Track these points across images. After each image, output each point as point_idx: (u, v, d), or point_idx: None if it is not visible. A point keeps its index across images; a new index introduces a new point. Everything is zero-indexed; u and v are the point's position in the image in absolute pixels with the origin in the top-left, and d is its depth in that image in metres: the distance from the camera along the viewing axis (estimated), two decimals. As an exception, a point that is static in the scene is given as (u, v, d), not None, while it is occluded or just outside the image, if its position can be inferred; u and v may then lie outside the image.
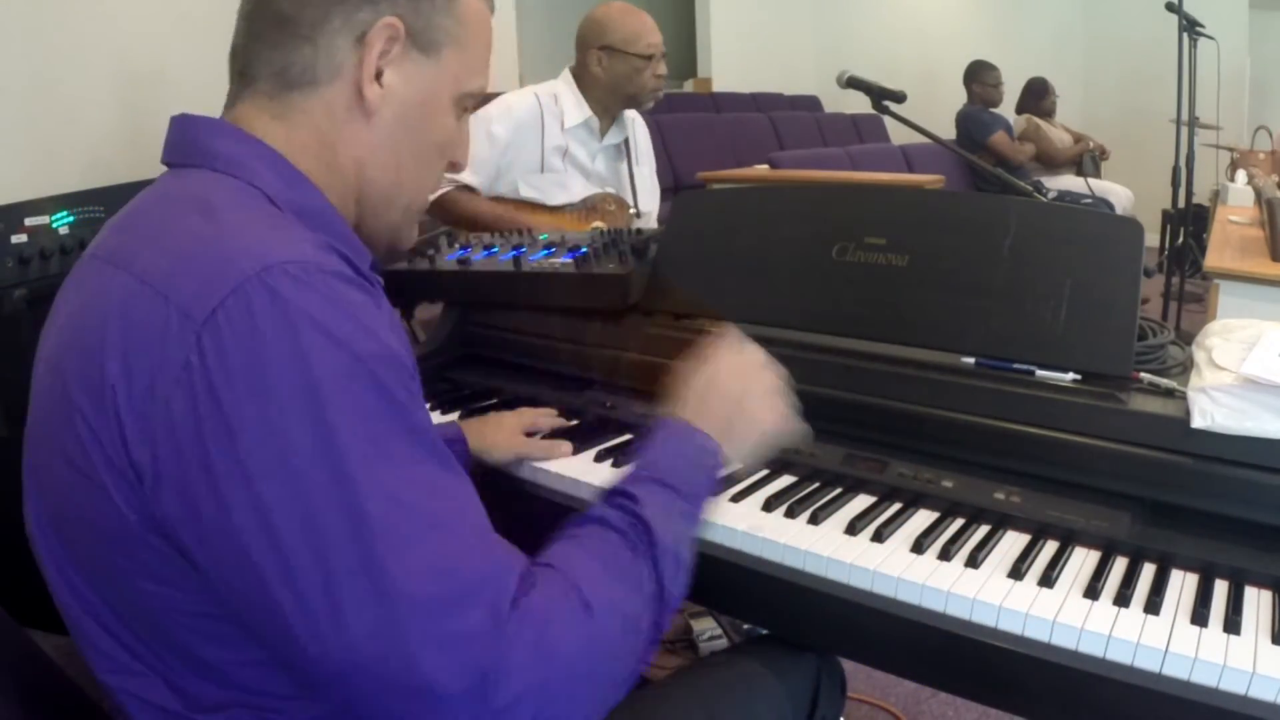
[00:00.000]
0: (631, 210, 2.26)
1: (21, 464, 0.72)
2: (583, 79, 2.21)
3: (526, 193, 2.16)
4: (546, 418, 1.23)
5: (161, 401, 0.59)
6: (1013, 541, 0.94)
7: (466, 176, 2.12)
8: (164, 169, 0.78)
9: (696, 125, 5.48)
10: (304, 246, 0.65)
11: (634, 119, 2.33)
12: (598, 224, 2.17)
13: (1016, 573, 0.88)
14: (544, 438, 1.18)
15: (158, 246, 0.66)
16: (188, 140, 0.75)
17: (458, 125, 0.82)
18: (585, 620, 0.65)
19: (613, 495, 0.76)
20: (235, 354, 0.59)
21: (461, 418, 1.27)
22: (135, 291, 0.63)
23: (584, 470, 1.12)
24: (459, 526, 0.63)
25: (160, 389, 0.59)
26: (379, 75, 0.75)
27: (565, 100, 2.19)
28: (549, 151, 2.16)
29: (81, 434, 0.62)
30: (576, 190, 2.20)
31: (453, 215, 2.12)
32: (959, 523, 0.98)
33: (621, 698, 0.68)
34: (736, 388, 0.89)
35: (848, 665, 1.07)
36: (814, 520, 0.98)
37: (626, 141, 2.30)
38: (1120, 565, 0.89)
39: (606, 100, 2.20)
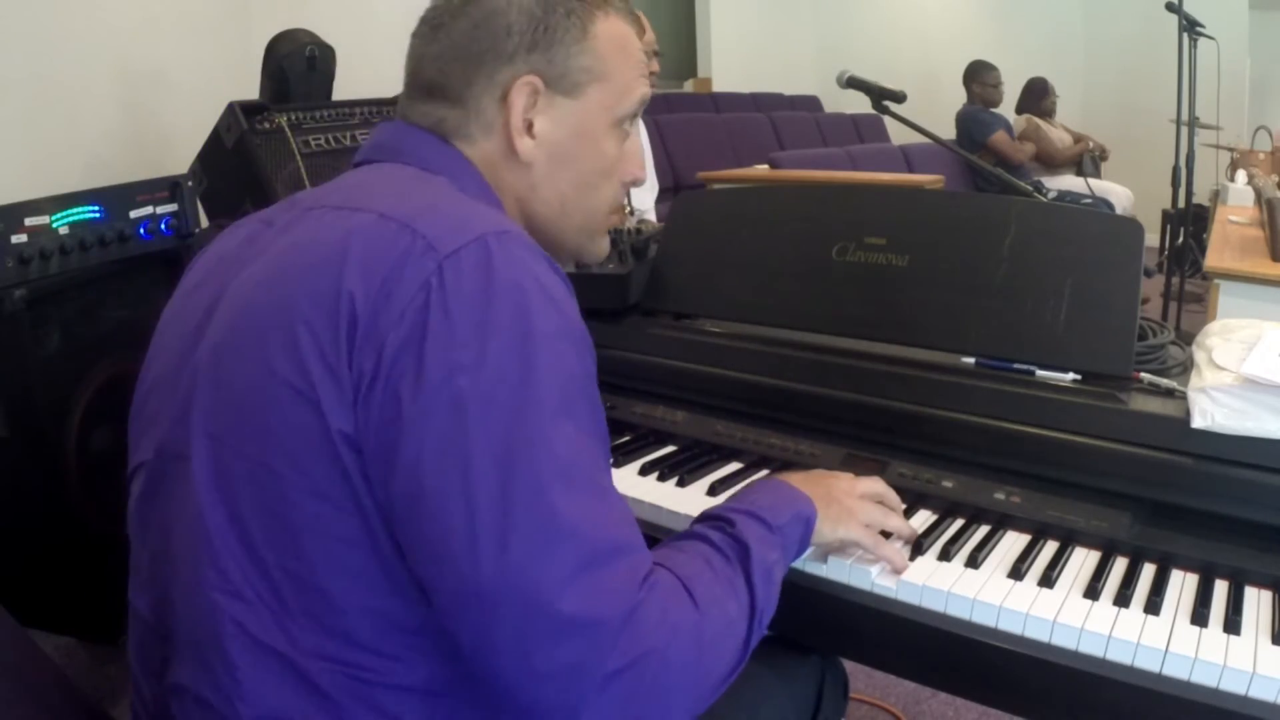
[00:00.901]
0: (626, 208, 2.26)
1: (131, 414, 0.78)
2: None
3: None
4: None
5: (396, 311, 0.64)
6: (1013, 541, 0.94)
7: None
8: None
9: (696, 125, 5.48)
10: (517, 226, 0.72)
11: None
12: None
13: (1016, 573, 0.88)
14: None
15: (399, 198, 0.72)
16: (396, 143, 0.83)
17: (621, 144, 0.87)
18: (693, 611, 0.68)
19: (709, 520, 0.81)
20: (470, 288, 0.65)
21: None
22: (379, 224, 0.69)
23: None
24: (615, 497, 0.69)
25: (397, 301, 0.64)
26: (530, 126, 0.81)
27: None
28: None
29: (302, 343, 0.66)
30: None
31: None
32: (959, 523, 0.98)
33: (713, 700, 0.71)
34: (841, 485, 0.92)
35: (847, 665, 1.07)
36: (814, 520, 0.98)
37: None
38: (1120, 565, 0.89)
39: None
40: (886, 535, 0.92)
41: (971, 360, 1.07)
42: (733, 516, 0.80)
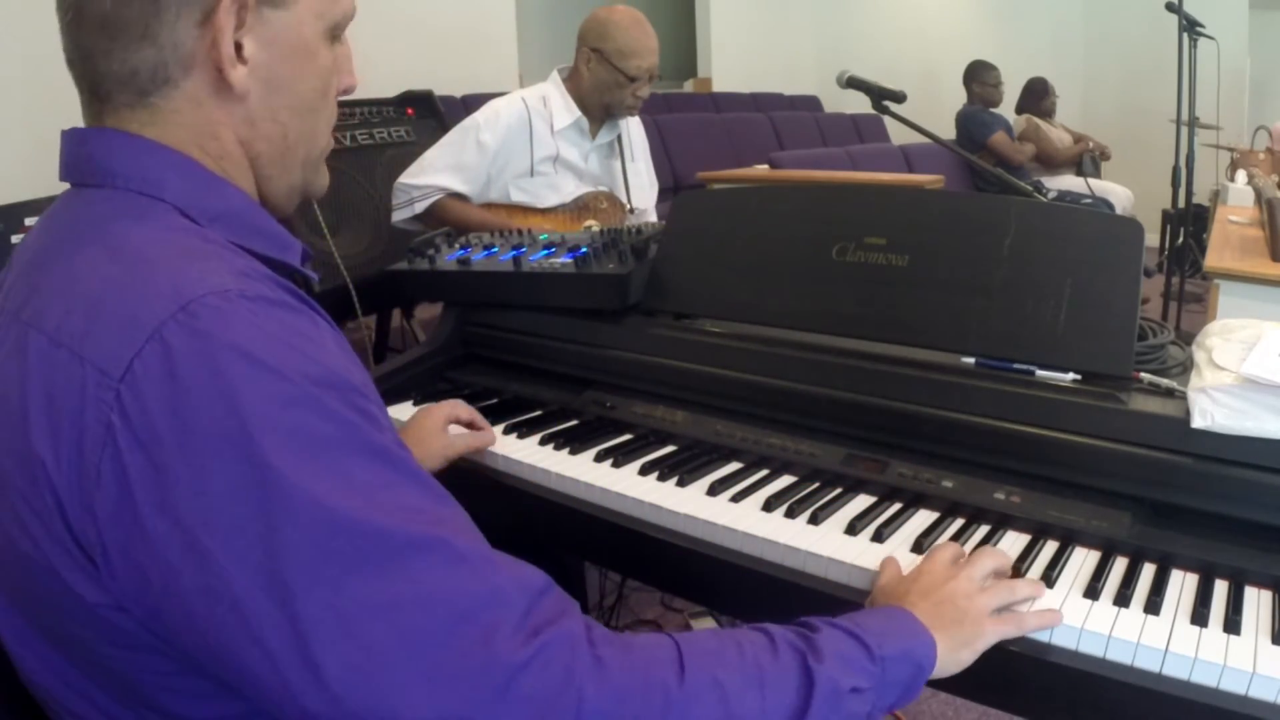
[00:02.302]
0: (626, 208, 2.26)
1: None
2: (572, 74, 2.20)
3: (517, 197, 2.16)
4: (461, 408, 1.21)
5: (92, 471, 0.55)
6: (1013, 541, 0.94)
7: (457, 184, 2.12)
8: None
9: (696, 125, 5.48)
10: (223, 274, 0.60)
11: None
12: (590, 223, 2.17)
13: (1016, 573, 0.88)
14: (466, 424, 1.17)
15: (68, 298, 0.61)
16: (84, 156, 0.68)
17: (334, 56, 0.74)
18: (667, 681, 0.59)
19: (794, 623, 0.71)
20: (156, 404, 0.54)
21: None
22: (51, 355, 0.58)
23: (584, 471, 1.12)
24: (439, 548, 0.57)
25: (89, 457, 0.55)
26: (240, 50, 0.67)
27: (554, 102, 2.18)
28: (539, 158, 2.15)
29: (22, 513, 0.58)
30: (568, 191, 2.19)
31: (443, 223, 2.12)
32: (959, 523, 0.98)
33: None
34: (960, 587, 0.81)
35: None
36: (814, 520, 0.98)
37: (619, 139, 2.29)
38: (1120, 565, 0.89)
39: (585, 100, 2.19)
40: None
41: (971, 360, 1.07)
42: (820, 624, 0.70)
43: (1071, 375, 1.01)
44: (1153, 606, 0.82)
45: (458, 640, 0.55)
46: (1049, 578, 0.86)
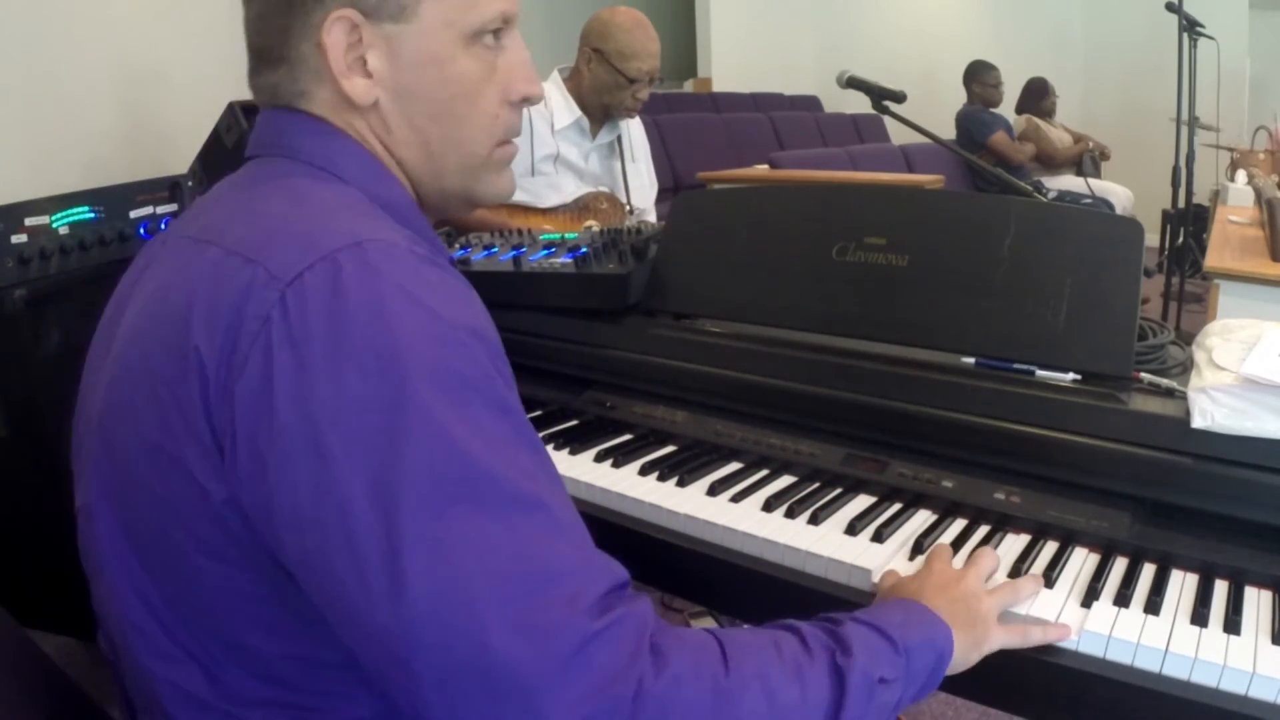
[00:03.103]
0: (626, 207, 2.26)
1: (72, 447, 0.73)
2: (573, 74, 2.20)
3: (518, 196, 2.16)
4: None
5: (241, 359, 0.58)
6: (1013, 542, 0.94)
7: None
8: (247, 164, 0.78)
9: (696, 125, 5.48)
10: (392, 233, 0.65)
11: None
12: (590, 223, 2.17)
13: (1016, 573, 0.88)
14: None
15: (248, 223, 0.66)
16: (277, 132, 0.75)
17: (485, 62, 0.76)
18: (715, 671, 0.60)
19: (820, 619, 0.72)
20: (317, 311, 0.58)
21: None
22: (224, 261, 0.63)
23: (584, 471, 1.12)
24: (542, 511, 0.59)
25: (241, 347, 0.58)
26: (363, 64, 0.72)
27: (554, 102, 2.18)
28: (539, 157, 2.15)
29: (165, 403, 0.61)
30: (569, 191, 2.19)
31: (444, 223, 2.12)
32: (959, 523, 0.98)
33: None
34: (969, 586, 0.82)
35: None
36: (814, 520, 0.98)
37: (620, 139, 2.29)
38: (1120, 565, 0.89)
39: (586, 100, 2.19)
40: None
41: (971, 360, 1.07)
42: (844, 619, 0.71)
43: (1071, 375, 1.01)
44: (1153, 607, 0.82)
45: (543, 596, 0.56)
46: (1049, 578, 0.86)
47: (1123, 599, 0.83)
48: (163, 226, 1.98)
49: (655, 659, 0.59)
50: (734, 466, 1.12)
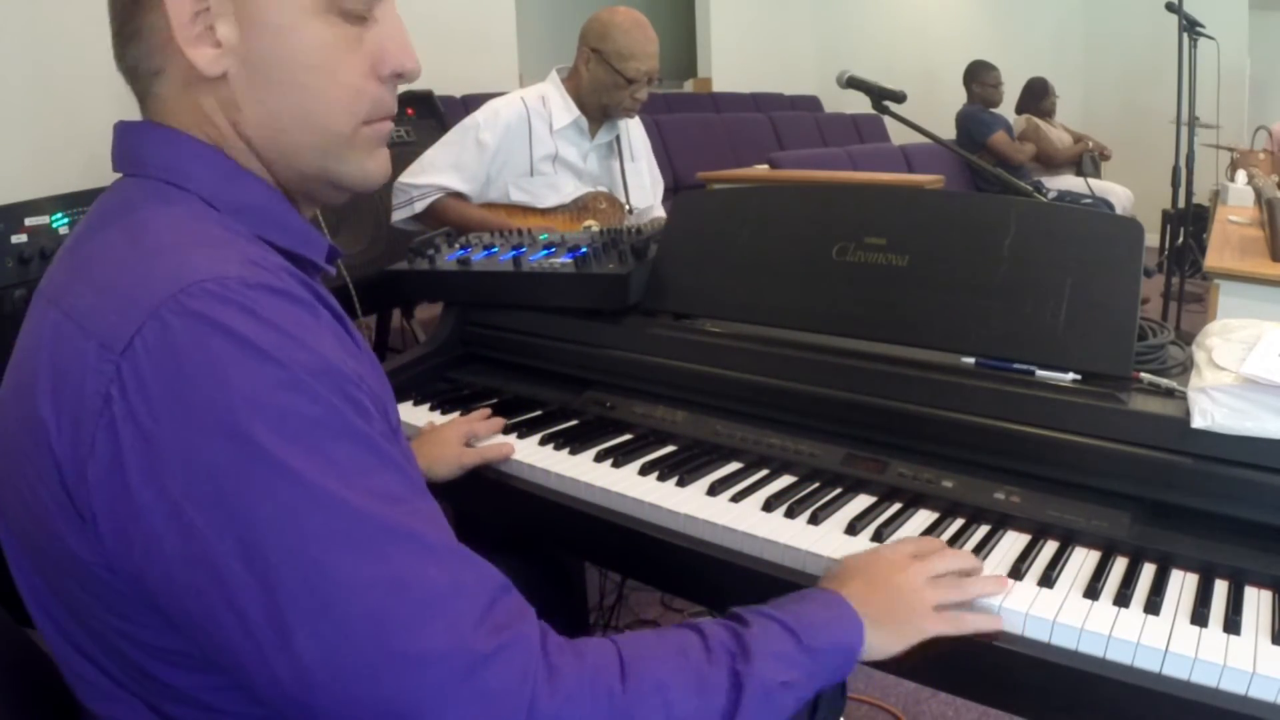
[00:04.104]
0: (625, 208, 2.26)
1: None
2: (572, 74, 2.20)
3: (517, 196, 2.16)
4: (483, 422, 1.23)
5: (87, 438, 0.57)
6: (1013, 541, 0.94)
7: (456, 184, 2.12)
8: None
9: (696, 125, 5.48)
10: (229, 261, 0.61)
11: None
12: (590, 223, 2.17)
13: (1016, 573, 0.88)
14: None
15: (83, 279, 0.64)
16: (125, 147, 0.72)
17: (348, 32, 0.71)
18: (612, 687, 0.61)
19: (729, 616, 0.73)
20: (154, 381, 0.56)
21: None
22: (62, 328, 0.61)
23: (584, 471, 1.12)
24: (410, 539, 0.59)
25: (86, 426, 0.57)
26: (211, 33, 0.67)
27: (553, 102, 2.18)
28: (538, 157, 2.15)
29: (29, 476, 0.61)
30: (568, 191, 2.19)
31: (443, 223, 2.12)
32: (959, 523, 0.98)
33: None
34: (908, 580, 0.83)
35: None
36: (814, 520, 0.98)
37: (618, 139, 2.29)
38: (1120, 565, 0.89)
39: (584, 100, 2.19)
40: None
41: (971, 360, 1.07)
42: (751, 618, 0.72)
43: (1071, 375, 1.01)
44: (1152, 606, 0.82)
45: (425, 626, 0.57)
46: (1049, 578, 0.86)
47: (1123, 599, 0.83)
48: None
49: (550, 678, 0.60)
50: (734, 466, 1.12)
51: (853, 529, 0.96)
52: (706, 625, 0.71)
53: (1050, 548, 0.93)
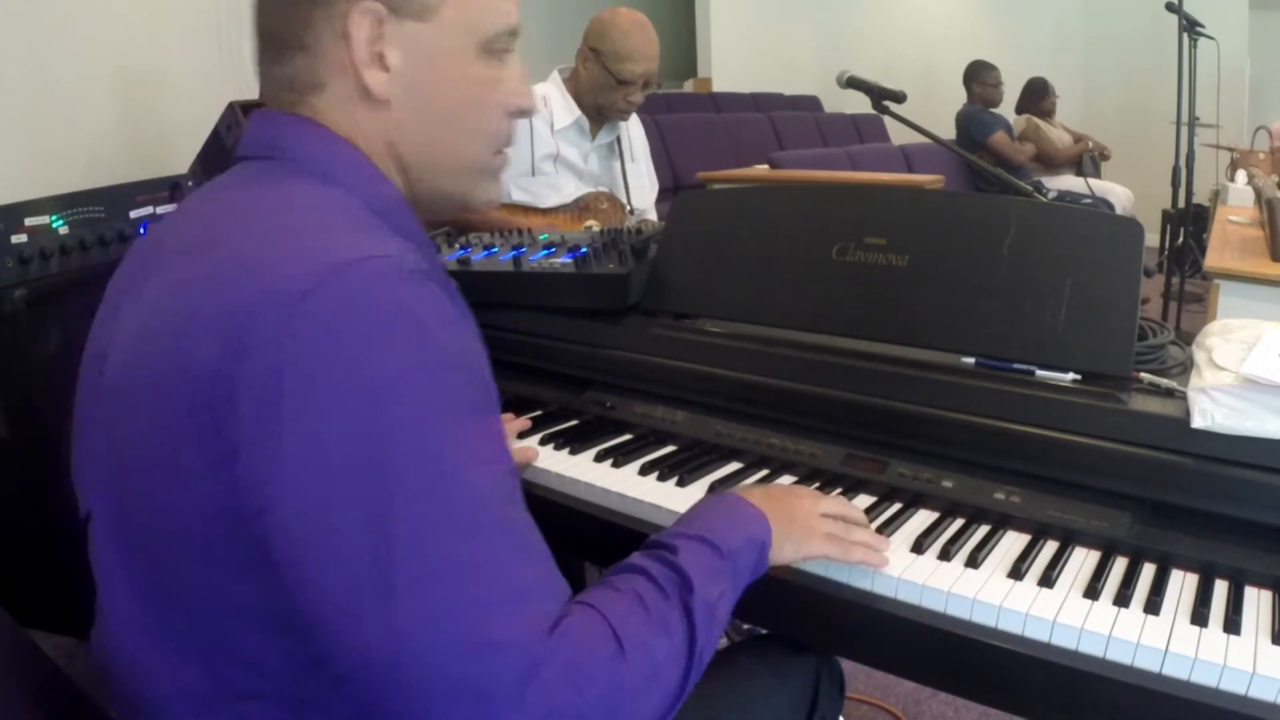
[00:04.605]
0: (626, 208, 2.26)
1: (73, 453, 0.74)
2: (573, 73, 2.20)
3: (518, 196, 2.16)
4: (510, 423, 1.23)
5: (249, 373, 0.60)
6: (1013, 541, 0.94)
7: None
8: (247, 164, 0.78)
9: (696, 125, 5.48)
10: (390, 244, 0.66)
11: None
12: (591, 223, 2.17)
13: (1016, 573, 0.88)
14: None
15: (247, 235, 0.67)
16: (271, 136, 0.76)
17: (493, 72, 0.79)
18: (616, 658, 0.64)
19: (652, 546, 0.76)
20: (325, 332, 0.60)
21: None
22: (227, 271, 0.64)
23: (584, 470, 1.12)
24: (512, 534, 0.63)
25: (249, 361, 0.60)
26: (382, 59, 0.74)
27: (554, 102, 2.17)
28: (539, 157, 2.15)
29: (168, 412, 0.62)
30: (569, 191, 2.19)
31: (444, 223, 2.12)
32: (959, 523, 0.98)
33: None
34: (804, 504, 0.90)
35: (847, 665, 1.07)
36: (814, 520, 0.98)
37: (619, 139, 2.29)
38: (1120, 565, 0.89)
39: (582, 99, 2.18)
40: None
41: (971, 360, 1.07)
42: (677, 544, 0.75)
43: (1071, 375, 1.01)
44: (1153, 606, 0.82)
45: (514, 617, 0.60)
46: (1049, 578, 0.87)
47: (1123, 599, 0.83)
48: (163, 226, 1.98)
49: (589, 680, 0.63)
50: (734, 466, 1.12)
51: (853, 529, 0.96)
52: (648, 564, 0.73)
53: (1050, 548, 0.93)
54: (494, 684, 0.58)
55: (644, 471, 1.11)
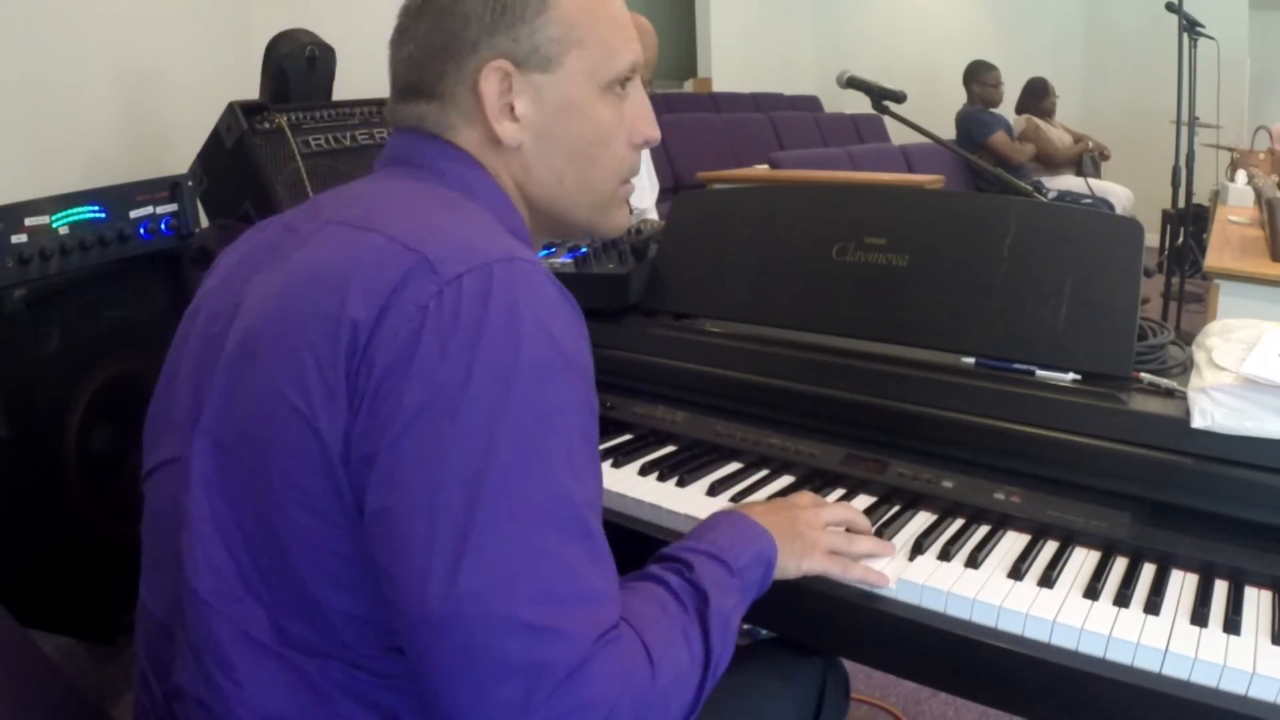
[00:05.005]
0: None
1: (150, 412, 0.79)
2: None
3: None
4: None
5: (390, 333, 0.64)
6: (1013, 541, 0.94)
7: None
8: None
9: (696, 125, 5.48)
10: (532, 256, 0.72)
11: None
12: None
13: (1016, 573, 0.88)
14: None
15: (412, 219, 0.72)
16: (417, 155, 0.82)
17: (619, 107, 0.84)
18: (647, 673, 0.66)
19: (669, 561, 0.79)
20: (466, 314, 0.64)
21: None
22: (387, 246, 0.69)
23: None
24: (588, 538, 0.66)
25: (393, 322, 0.64)
26: (511, 110, 0.79)
27: None
28: None
29: (306, 367, 0.66)
30: None
31: None
32: (959, 523, 0.98)
33: None
34: (805, 516, 0.91)
35: (847, 665, 1.07)
36: (814, 520, 0.98)
37: None
38: (1120, 565, 0.89)
39: None
40: None
41: (971, 360, 1.07)
42: (692, 559, 0.78)
43: (1071, 375, 1.01)
44: (1152, 606, 0.82)
45: (573, 610, 0.62)
46: (1049, 578, 0.87)
47: (1123, 599, 0.83)
48: (163, 226, 1.98)
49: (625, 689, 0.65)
50: (734, 466, 1.12)
51: (853, 529, 0.96)
52: (666, 576, 0.76)
53: (1050, 548, 0.93)
54: (540, 668, 0.60)
55: (644, 471, 1.11)
